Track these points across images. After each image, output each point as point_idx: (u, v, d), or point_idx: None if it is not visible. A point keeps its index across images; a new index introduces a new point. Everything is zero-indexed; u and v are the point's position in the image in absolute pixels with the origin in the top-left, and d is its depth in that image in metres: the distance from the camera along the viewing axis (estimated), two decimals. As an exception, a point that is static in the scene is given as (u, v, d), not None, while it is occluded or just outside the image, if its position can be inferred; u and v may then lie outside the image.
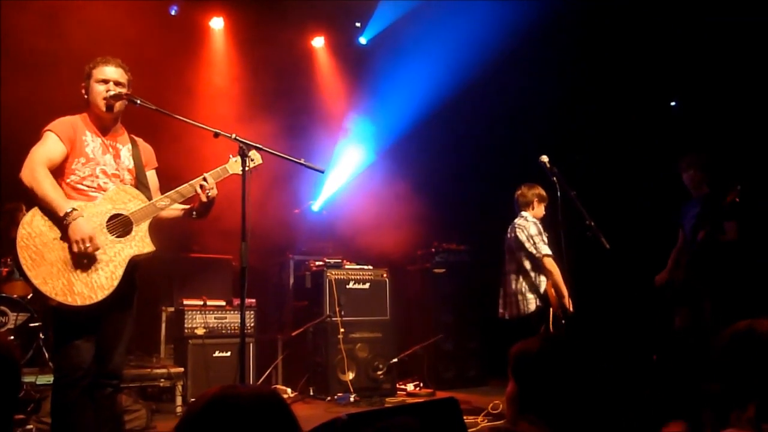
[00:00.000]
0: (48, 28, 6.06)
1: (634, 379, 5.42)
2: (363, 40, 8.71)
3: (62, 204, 3.25)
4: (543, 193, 5.58)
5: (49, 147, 3.36)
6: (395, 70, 8.00)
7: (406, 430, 1.85)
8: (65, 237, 3.26)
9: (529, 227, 5.48)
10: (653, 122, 7.64)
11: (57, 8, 6.18)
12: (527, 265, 5.48)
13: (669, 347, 5.79)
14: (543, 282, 5.44)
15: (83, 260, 3.27)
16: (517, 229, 5.52)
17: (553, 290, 5.35)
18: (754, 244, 6.48)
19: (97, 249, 3.29)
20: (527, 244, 5.42)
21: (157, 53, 6.47)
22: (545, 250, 5.37)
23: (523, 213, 5.63)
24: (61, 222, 3.25)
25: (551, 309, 5.34)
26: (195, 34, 7.84)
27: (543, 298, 5.41)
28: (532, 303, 5.41)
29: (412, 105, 7.87)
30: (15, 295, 5.84)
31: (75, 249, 3.23)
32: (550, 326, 5.29)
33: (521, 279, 5.50)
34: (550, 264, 5.35)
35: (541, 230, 5.47)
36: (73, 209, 3.25)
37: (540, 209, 5.63)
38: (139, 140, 3.74)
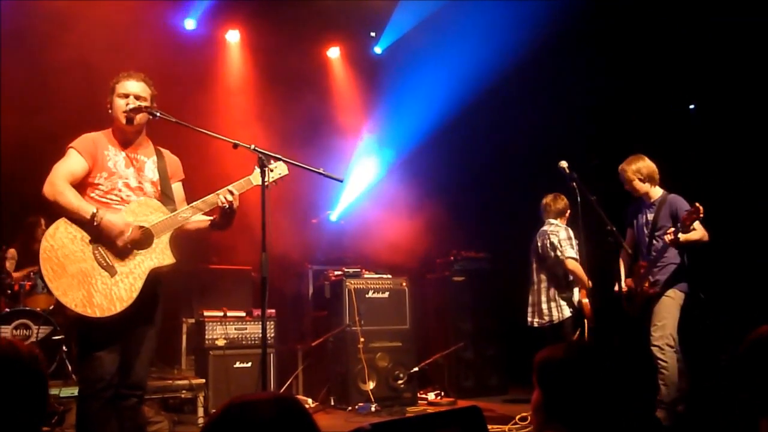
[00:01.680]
0: (63, 44, 6.13)
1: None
2: (378, 50, 8.73)
3: (87, 207, 3.33)
4: (568, 204, 5.63)
5: (70, 163, 3.43)
6: (411, 79, 8.01)
7: None
8: (93, 243, 3.32)
9: (560, 232, 5.54)
10: (672, 126, 7.58)
11: (72, 22, 6.24)
12: (559, 271, 5.53)
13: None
14: (575, 290, 5.48)
15: (104, 272, 3.31)
16: (551, 235, 5.56)
17: (588, 301, 5.35)
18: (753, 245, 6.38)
19: (136, 237, 3.36)
20: (557, 249, 5.48)
21: (174, 66, 6.52)
22: (569, 252, 5.41)
23: (552, 221, 5.68)
24: (89, 225, 3.30)
25: (585, 320, 5.35)
26: (211, 47, 7.91)
27: (576, 306, 5.44)
28: (566, 310, 5.46)
29: (428, 113, 7.86)
30: (38, 309, 5.90)
31: (120, 243, 3.32)
32: (585, 337, 5.29)
33: (553, 287, 5.53)
34: (573, 265, 5.39)
35: (572, 236, 5.50)
36: (97, 209, 3.32)
37: (565, 219, 5.72)
38: (166, 152, 3.77)
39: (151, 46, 6.45)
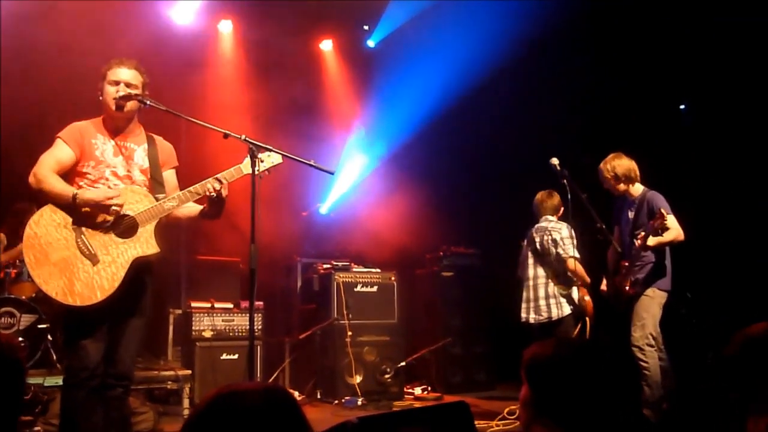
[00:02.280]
0: (53, 30, 6.05)
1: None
2: (371, 43, 8.70)
3: (68, 189, 3.34)
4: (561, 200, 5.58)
5: (56, 153, 3.45)
6: (403, 73, 7.98)
7: None
8: (76, 225, 3.32)
9: (562, 230, 5.47)
10: (663, 125, 7.60)
11: (61, 7, 6.16)
12: (559, 268, 5.47)
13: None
14: (574, 288, 5.46)
15: (86, 260, 3.30)
16: (552, 232, 5.49)
17: (589, 298, 5.36)
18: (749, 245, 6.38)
19: (122, 204, 3.34)
20: (560, 246, 5.42)
21: (165, 56, 6.46)
22: (572, 251, 5.37)
23: (549, 217, 5.62)
24: (72, 206, 3.31)
25: (587, 317, 5.36)
26: (203, 38, 7.84)
27: (576, 303, 5.43)
28: (566, 307, 5.43)
29: (420, 107, 7.84)
30: (23, 297, 5.85)
31: (111, 213, 3.32)
32: (587, 335, 5.29)
33: (551, 283, 5.49)
34: (574, 265, 5.34)
35: (573, 234, 5.43)
36: (79, 188, 3.34)
37: (559, 215, 5.67)
38: (159, 139, 3.75)
39: (143, 35, 6.38)
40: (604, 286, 5.40)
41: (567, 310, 5.43)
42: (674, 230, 4.95)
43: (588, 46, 7.47)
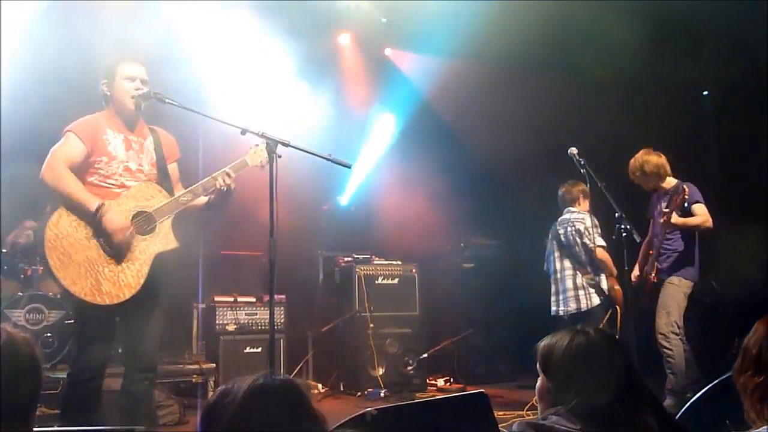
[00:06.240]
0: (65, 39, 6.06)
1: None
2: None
3: (91, 200, 3.32)
4: (587, 189, 5.46)
5: (69, 147, 3.41)
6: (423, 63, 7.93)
7: None
8: (94, 235, 3.32)
9: (585, 220, 5.46)
10: (685, 111, 7.50)
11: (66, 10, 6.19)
12: (585, 259, 5.46)
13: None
14: (602, 277, 5.43)
15: (110, 259, 3.32)
16: (576, 223, 5.48)
17: (619, 287, 5.33)
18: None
19: (132, 238, 3.34)
20: (585, 237, 5.40)
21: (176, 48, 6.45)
22: (600, 241, 5.37)
23: (571, 209, 5.60)
24: (92, 218, 3.29)
25: (618, 307, 5.32)
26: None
27: (605, 292, 5.41)
28: (595, 298, 5.41)
29: (440, 97, 7.78)
30: (51, 293, 5.94)
31: (116, 240, 3.28)
32: (618, 324, 5.24)
33: (579, 274, 5.48)
34: (603, 254, 5.34)
35: (596, 223, 5.42)
36: (103, 203, 3.31)
37: (585, 205, 5.61)
38: (161, 131, 3.76)
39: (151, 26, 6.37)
40: (634, 277, 5.37)
41: (596, 300, 5.42)
42: (702, 216, 5.00)
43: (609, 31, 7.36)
